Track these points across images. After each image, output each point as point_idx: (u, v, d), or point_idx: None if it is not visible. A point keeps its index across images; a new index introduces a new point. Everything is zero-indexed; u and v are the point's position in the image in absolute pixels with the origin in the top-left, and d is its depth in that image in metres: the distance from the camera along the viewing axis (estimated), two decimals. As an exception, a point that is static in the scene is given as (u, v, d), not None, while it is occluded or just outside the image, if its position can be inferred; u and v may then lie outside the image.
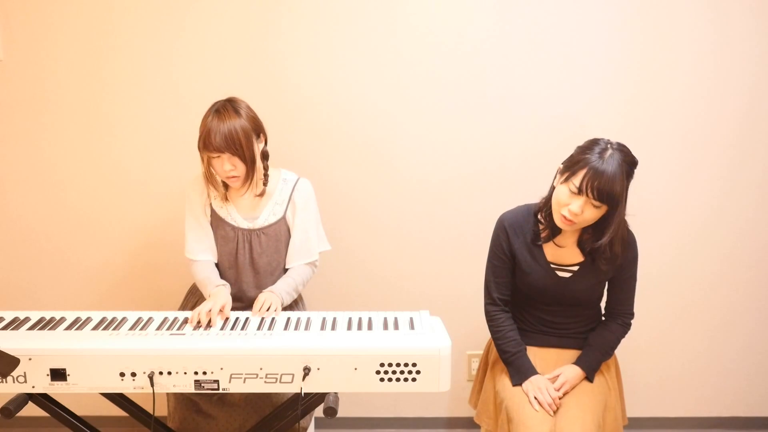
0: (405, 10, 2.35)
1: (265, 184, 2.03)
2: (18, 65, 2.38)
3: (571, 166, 1.77)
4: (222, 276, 2.05)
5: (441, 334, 1.65)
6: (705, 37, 2.35)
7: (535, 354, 1.96)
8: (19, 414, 1.60)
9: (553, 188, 1.85)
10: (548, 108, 2.38)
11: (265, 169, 2.02)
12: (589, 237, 1.86)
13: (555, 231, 1.88)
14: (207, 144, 1.89)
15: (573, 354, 1.96)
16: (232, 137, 1.87)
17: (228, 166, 1.91)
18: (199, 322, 1.74)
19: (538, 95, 2.39)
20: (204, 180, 2.02)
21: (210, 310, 1.76)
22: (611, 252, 1.83)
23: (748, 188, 2.46)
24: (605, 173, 1.70)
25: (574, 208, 1.74)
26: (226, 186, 2.03)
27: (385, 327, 1.71)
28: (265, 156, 2.01)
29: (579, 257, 1.91)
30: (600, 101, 2.39)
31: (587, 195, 1.72)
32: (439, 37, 2.36)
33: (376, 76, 2.39)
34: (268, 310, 1.85)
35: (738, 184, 2.46)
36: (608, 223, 1.78)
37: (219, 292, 1.90)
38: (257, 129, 1.97)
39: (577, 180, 1.73)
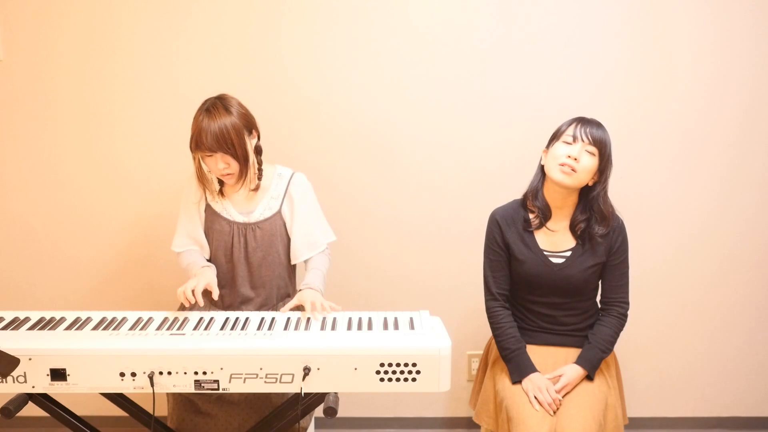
0: (405, 9, 2.35)
1: (259, 179, 2.03)
2: (18, 65, 2.38)
3: (556, 132, 1.93)
4: (218, 271, 2.06)
5: (441, 334, 1.65)
6: (705, 36, 2.35)
7: (535, 353, 1.97)
8: (19, 414, 1.60)
9: (541, 168, 1.94)
10: (548, 107, 2.38)
11: (259, 164, 2.03)
12: (580, 213, 1.93)
13: (546, 216, 1.94)
14: (199, 144, 1.89)
15: (572, 352, 1.97)
16: (224, 136, 1.87)
17: (221, 164, 1.91)
18: (193, 305, 1.80)
19: (538, 94, 2.39)
20: (196, 178, 2.03)
21: (194, 289, 1.81)
22: (604, 209, 1.90)
23: (748, 188, 2.46)
24: (593, 120, 1.90)
25: (574, 152, 1.84)
26: (220, 182, 2.03)
27: (385, 327, 1.71)
28: (258, 151, 2.02)
29: (571, 242, 1.94)
30: (600, 101, 2.39)
31: (582, 140, 1.85)
32: (438, 36, 2.36)
33: (376, 75, 2.39)
34: (320, 308, 1.83)
35: (738, 184, 2.46)
36: (597, 181, 1.90)
37: (203, 272, 1.94)
38: (249, 125, 1.96)
39: (569, 131, 1.88)
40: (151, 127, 2.42)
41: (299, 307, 1.89)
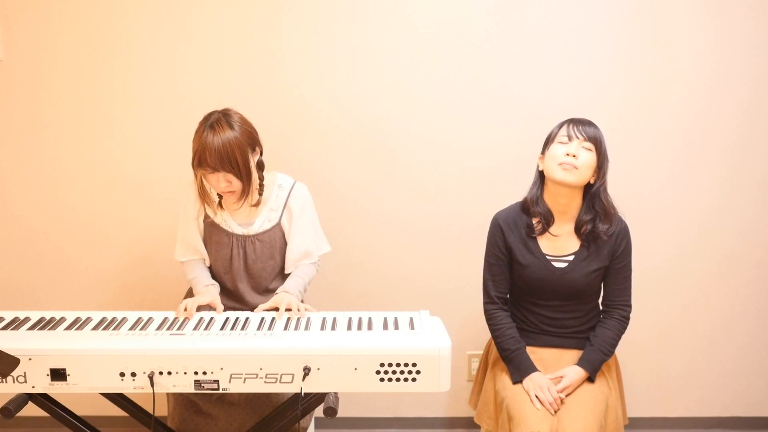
0: (405, 10, 2.35)
1: (260, 194, 2.00)
2: (18, 65, 2.38)
3: (549, 136, 1.94)
4: (218, 281, 2.06)
5: (441, 334, 1.65)
6: (704, 36, 2.35)
7: (536, 354, 1.96)
8: (19, 414, 1.60)
9: (539, 174, 1.95)
10: (548, 107, 2.38)
11: (261, 179, 2.00)
12: (585, 214, 1.92)
13: (548, 222, 1.93)
14: (202, 162, 1.85)
15: (573, 354, 1.97)
16: (228, 155, 1.83)
17: (223, 183, 1.89)
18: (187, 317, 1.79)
19: (538, 94, 2.39)
20: (196, 193, 2.01)
21: (193, 306, 1.82)
22: (606, 204, 1.90)
23: (748, 188, 2.46)
24: (583, 119, 1.92)
25: (572, 150, 1.85)
26: (220, 196, 2.00)
27: (385, 327, 1.71)
28: (260, 166, 1.99)
29: (575, 246, 1.93)
30: (600, 100, 2.39)
31: (577, 137, 1.87)
32: (439, 36, 2.36)
33: (376, 75, 2.39)
34: (296, 309, 1.83)
35: (738, 184, 2.46)
36: (597, 179, 1.90)
37: (207, 291, 1.95)
38: (252, 142, 1.92)
39: (563, 132, 1.89)
40: (150, 128, 2.42)
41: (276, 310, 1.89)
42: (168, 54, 2.37)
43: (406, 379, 1.58)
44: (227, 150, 1.83)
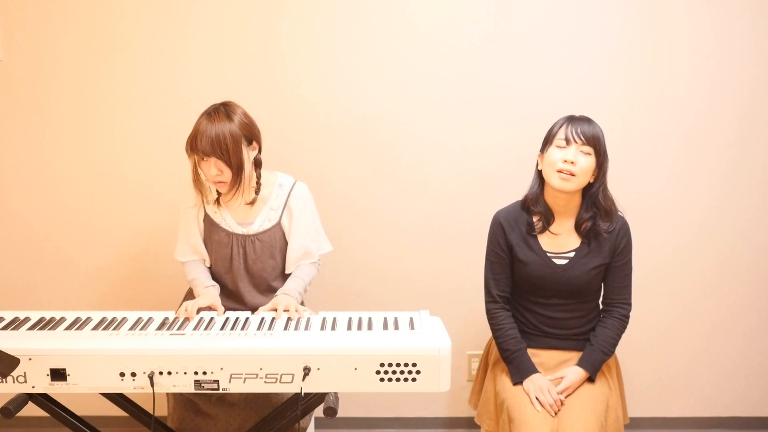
0: (405, 10, 2.35)
1: (257, 192, 2.00)
2: (18, 65, 2.38)
3: (548, 136, 1.91)
4: (218, 281, 2.06)
5: (441, 334, 1.65)
6: (705, 36, 2.36)
7: (537, 357, 1.96)
8: (19, 414, 1.60)
9: (539, 173, 1.93)
10: (548, 107, 2.37)
11: (258, 177, 2.00)
12: (585, 212, 1.91)
13: (548, 220, 1.93)
14: (193, 146, 1.87)
15: (574, 357, 1.96)
16: (219, 141, 1.84)
17: (214, 170, 1.88)
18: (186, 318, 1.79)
19: (538, 94, 2.39)
20: (193, 184, 2.01)
21: (193, 308, 1.82)
22: (605, 203, 1.90)
23: (748, 188, 2.46)
24: (582, 118, 1.88)
25: (569, 156, 1.82)
26: (219, 192, 2.01)
27: (385, 327, 1.71)
28: (257, 164, 1.99)
29: (575, 243, 1.93)
30: (600, 100, 2.39)
31: (575, 141, 1.83)
32: (439, 36, 2.36)
33: (376, 75, 2.39)
34: (294, 311, 1.83)
35: (738, 184, 2.46)
36: (597, 178, 1.88)
37: (207, 292, 1.94)
38: (249, 136, 1.93)
39: (561, 133, 1.86)
40: (150, 127, 2.42)
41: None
42: (168, 54, 2.37)
43: (406, 379, 1.58)
44: (218, 136, 1.84)
